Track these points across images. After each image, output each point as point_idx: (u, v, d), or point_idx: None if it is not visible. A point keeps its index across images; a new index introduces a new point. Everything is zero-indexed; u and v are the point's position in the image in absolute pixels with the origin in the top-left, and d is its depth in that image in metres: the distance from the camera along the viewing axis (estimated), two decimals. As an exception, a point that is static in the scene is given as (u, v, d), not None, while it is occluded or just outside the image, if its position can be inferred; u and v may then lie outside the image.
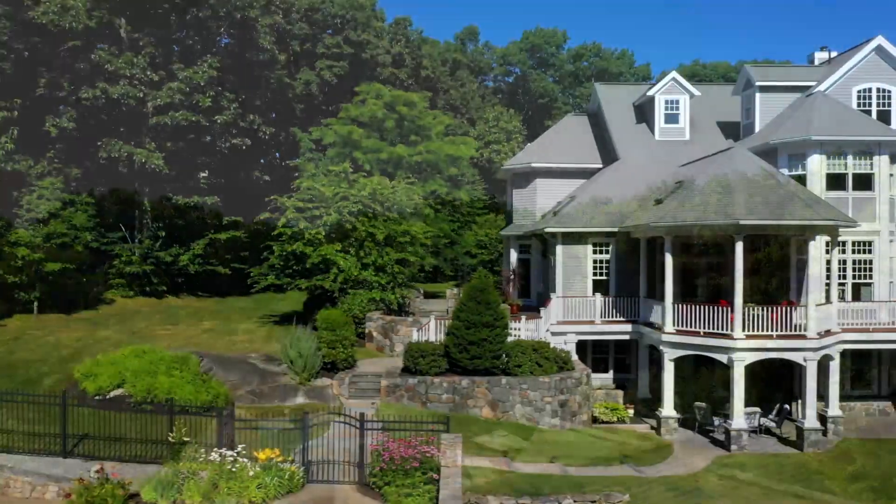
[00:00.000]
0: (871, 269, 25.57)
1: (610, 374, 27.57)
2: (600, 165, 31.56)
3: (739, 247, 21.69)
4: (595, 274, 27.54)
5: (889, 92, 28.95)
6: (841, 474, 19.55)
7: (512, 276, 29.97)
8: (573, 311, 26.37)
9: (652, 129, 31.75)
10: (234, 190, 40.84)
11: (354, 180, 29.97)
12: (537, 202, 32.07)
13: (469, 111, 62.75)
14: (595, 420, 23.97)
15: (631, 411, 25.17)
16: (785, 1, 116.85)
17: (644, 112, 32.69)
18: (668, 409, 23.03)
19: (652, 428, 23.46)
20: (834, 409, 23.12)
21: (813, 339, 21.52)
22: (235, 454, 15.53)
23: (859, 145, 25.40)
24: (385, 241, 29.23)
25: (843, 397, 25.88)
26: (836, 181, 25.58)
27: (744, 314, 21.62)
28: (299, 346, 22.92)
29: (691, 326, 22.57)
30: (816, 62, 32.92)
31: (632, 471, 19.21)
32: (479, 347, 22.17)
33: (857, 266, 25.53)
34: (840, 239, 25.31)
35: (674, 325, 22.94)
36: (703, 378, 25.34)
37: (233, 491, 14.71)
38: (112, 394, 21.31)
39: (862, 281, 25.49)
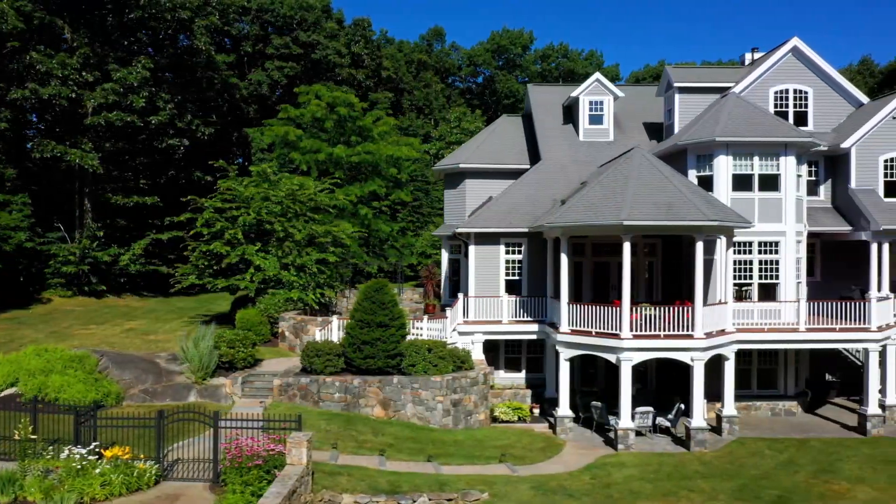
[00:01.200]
0: (777, 270, 25.69)
1: (522, 374, 27.70)
2: (528, 166, 31.70)
3: (626, 247, 21.80)
4: (508, 274, 27.67)
5: (806, 93, 29.14)
6: (716, 473, 19.64)
7: (430, 276, 30.07)
8: (484, 311, 26.49)
9: (577, 130, 31.91)
10: (178, 190, 40.98)
11: (276, 181, 30.09)
12: (467, 203, 32.15)
13: (433, 112, 62.91)
14: (496, 419, 24.14)
15: (537, 411, 25.38)
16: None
17: (571, 113, 32.84)
18: (563, 408, 23.18)
19: (550, 427, 23.61)
20: (729, 408, 23.25)
21: (700, 340, 21.62)
22: (85, 452, 15.67)
23: (765, 146, 25.47)
24: (306, 241, 29.40)
25: (750, 397, 26.18)
26: (742, 182, 25.68)
27: (632, 314, 21.76)
28: (199, 345, 23.10)
29: (584, 326, 22.71)
30: (747, 63, 33.08)
31: (507, 470, 19.35)
32: (373, 347, 22.31)
33: (763, 266, 25.64)
34: (746, 240, 25.50)
35: (569, 324, 23.08)
36: (610, 377, 25.49)
37: (75, 488, 14.84)
38: (5, 392, 21.52)
39: (768, 281, 25.59)
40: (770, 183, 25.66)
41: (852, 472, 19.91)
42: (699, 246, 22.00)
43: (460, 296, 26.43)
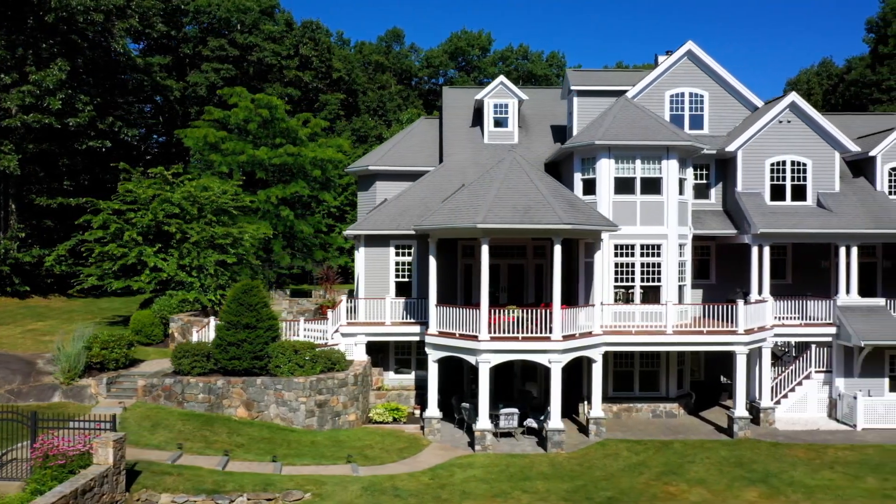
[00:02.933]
0: (659, 272, 25.82)
1: (412, 375, 27.84)
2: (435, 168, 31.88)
3: (484, 250, 21.99)
4: (399, 276, 27.84)
5: (702, 97, 29.29)
6: (560, 475, 19.80)
7: (326, 278, 30.28)
8: (372, 313, 26.64)
9: (483, 133, 32.08)
10: (108, 192, 41.20)
11: (177, 182, 30.30)
12: (377, 204, 32.38)
13: (387, 113, 63.10)
14: (370, 420, 24.33)
15: (417, 412, 25.55)
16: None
17: (479, 115, 33.02)
18: (431, 409, 23.36)
19: (421, 428, 23.77)
20: (596, 410, 23.42)
21: (557, 342, 21.78)
22: None
23: (648, 150, 25.59)
24: (206, 243, 29.59)
25: (632, 399, 26.34)
26: (625, 185, 25.80)
27: (496, 316, 21.92)
28: (71, 345, 23.31)
29: (451, 328, 22.88)
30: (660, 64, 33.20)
31: (349, 470, 19.52)
32: (239, 348, 22.51)
33: (646, 269, 25.76)
34: (629, 242, 25.63)
35: (437, 326, 23.26)
36: (499, 378, 25.69)
37: None
38: None
39: (650, 283, 25.71)
40: (653, 186, 25.78)
41: (697, 473, 20.06)
42: (557, 249, 22.15)
43: (343, 297, 26.61)
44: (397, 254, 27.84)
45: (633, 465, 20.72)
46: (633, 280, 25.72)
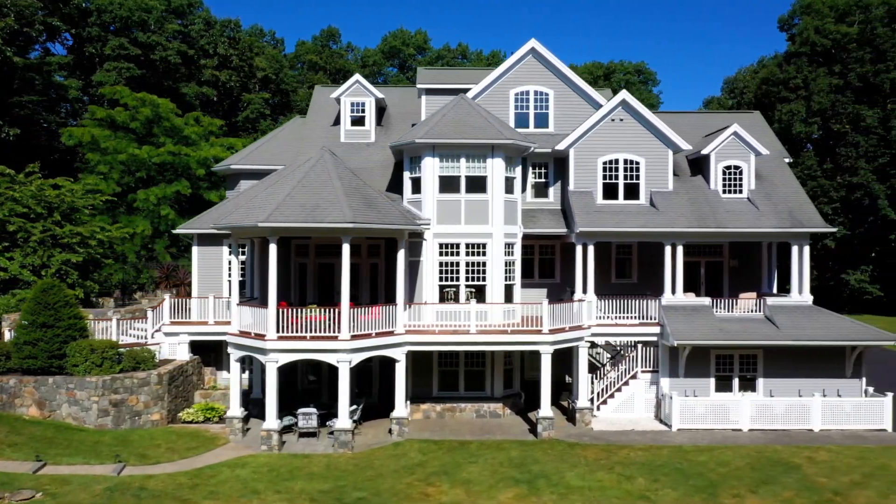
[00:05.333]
0: (485, 271, 25.63)
1: (247, 374, 27.73)
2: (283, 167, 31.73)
3: (272, 249, 21.81)
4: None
5: (547, 95, 29.14)
6: (328, 475, 19.63)
7: (165, 277, 30.16)
8: (203, 312, 26.49)
9: (340, 132, 31.93)
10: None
11: (25, 182, 30.20)
12: (240, 204, 32.27)
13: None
14: (180, 420, 24.20)
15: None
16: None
17: (339, 114, 32.87)
18: (233, 409, 23.26)
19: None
20: (399, 410, 23.28)
21: (345, 342, 21.61)
22: None
23: (473, 148, 25.40)
24: (51, 241, 29.50)
25: (456, 398, 26.17)
26: (450, 184, 25.65)
27: (278, 316, 21.77)
28: None
29: (248, 328, 22.76)
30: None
31: (110, 470, 19.37)
32: (34, 347, 22.42)
33: (471, 268, 25.59)
34: (453, 241, 25.49)
35: (238, 325, 23.14)
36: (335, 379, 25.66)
37: None
38: None
39: (475, 283, 25.54)
40: (479, 185, 25.63)
41: (470, 474, 19.87)
42: (345, 247, 21.97)
43: (167, 296, 26.48)
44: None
45: (411, 465, 20.55)
46: (457, 279, 25.58)
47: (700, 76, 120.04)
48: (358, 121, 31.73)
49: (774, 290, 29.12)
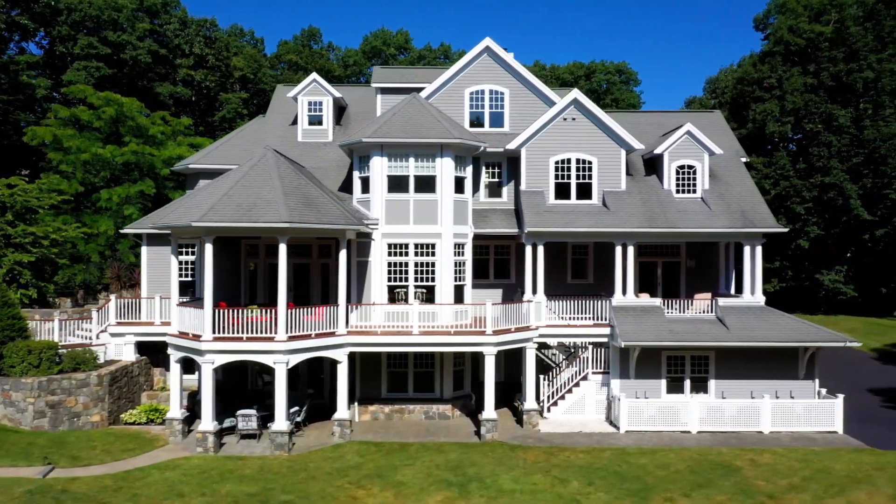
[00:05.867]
0: (434, 272, 25.38)
1: (195, 375, 27.42)
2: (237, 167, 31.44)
3: (208, 249, 21.51)
4: (183, 276, 27.45)
5: (502, 94, 28.88)
6: (258, 477, 19.36)
7: (117, 278, 29.92)
8: (152, 313, 26.24)
9: (298, 131, 31.68)
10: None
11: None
12: (201, 203, 32.00)
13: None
14: (122, 422, 23.95)
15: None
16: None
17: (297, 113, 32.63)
18: (173, 411, 22.95)
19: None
20: (342, 412, 23.00)
21: (282, 343, 21.33)
22: None
23: (422, 147, 25.16)
24: (3, 241, 29.25)
25: (405, 400, 25.90)
26: (399, 183, 25.41)
27: (217, 317, 21.50)
28: None
29: (187, 329, 22.49)
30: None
31: (36, 472, 19.11)
32: (-30, 348, 22.20)
33: (420, 268, 25.33)
34: (402, 241, 25.25)
35: (179, 326, 22.87)
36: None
37: None
38: None
39: (424, 283, 25.29)
40: (428, 184, 25.38)
41: (404, 477, 19.59)
42: (282, 247, 21.69)
43: (113, 297, 26.23)
44: (180, 252, 27.46)
45: (346, 468, 20.27)
46: (406, 280, 25.33)
47: (683, 76, 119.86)
48: (315, 120, 31.48)
49: (732, 291, 28.86)
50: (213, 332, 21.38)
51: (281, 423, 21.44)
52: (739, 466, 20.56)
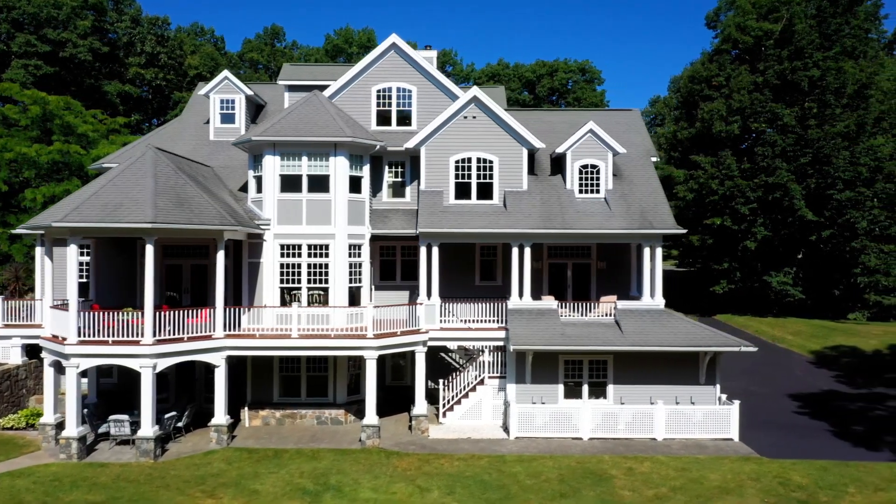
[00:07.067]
0: (328, 274, 24.81)
1: (108, 380, 26.94)
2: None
3: (70, 250, 20.86)
4: (81, 277, 26.86)
5: (410, 92, 28.32)
6: (111, 486, 18.83)
7: (16, 277, 29.41)
8: (41, 315, 25.72)
9: (210, 129, 31.13)
10: None
11: None
12: (116, 203, 31.45)
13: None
14: (1, 427, 23.46)
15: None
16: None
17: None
18: (46, 416, 22.45)
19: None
20: (219, 417, 22.46)
21: (148, 346, 20.77)
22: None
23: (314, 146, 24.65)
24: None
25: (298, 404, 25.35)
26: (292, 183, 24.88)
27: (79, 319, 20.94)
28: None
29: (57, 332, 21.95)
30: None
31: None
32: None
33: (314, 270, 24.77)
34: (295, 242, 24.74)
35: (51, 329, 22.32)
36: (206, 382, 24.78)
37: None
38: None
39: (318, 285, 24.73)
40: (321, 184, 24.84)
41: (264, 485, 19.01)
42: (149, 248, 21.05)
43: (0, 298, 25.73)
44: (81, 253, 26.85)
45: (206, 475, 19.71)
46: (299, 281, 24.79)
47: (650, 76, 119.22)
48: (228, 118, 30.93)
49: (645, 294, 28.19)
50: (79, 336, 20.84)
51: (147, 429, 20.87)
52: (613, 475, 19.98)
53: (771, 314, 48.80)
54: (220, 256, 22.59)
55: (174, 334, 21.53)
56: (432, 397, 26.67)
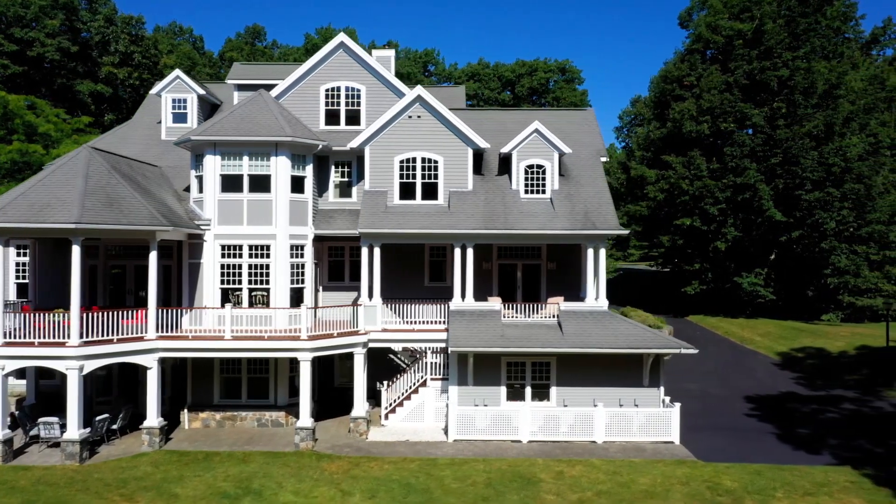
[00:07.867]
0: (269, 274, 24.58)
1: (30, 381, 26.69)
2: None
3: (6, 251, 20.71)
4: (19, 277, 26.72)
5: (358, 91, 28.09)
6: (29, 489, 18.60)
7: None
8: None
9: (162, 128, 30.90)
10: None
11: None
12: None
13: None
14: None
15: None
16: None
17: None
18: (-25, 418, 22.22)
19: (-21, 437, 22.58)
20: (151, 420, 22.22)
21: (73, 348, 20.53)
22: None
23: (255, 146, 24.42)
24: None
25: (239, 406, 25.12)
26: (233, 183, 24.65)
27: (5, 320, 20.72)
28: None
29: (-14, 332, 21.72)
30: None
31: None
32: None
33: (255, 271, 24.53)
34: (236, 243, 24.52)
35: (-19, 330, 22.10)
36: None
37: None
38: None
39: (259, 286, 24.50)
40: (262, 184, 24.61)
41: (185, 489, 18.78)
42: (75, 249, 20.80)
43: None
44: (18, 254, 26.73)
45: (129, 479, 19.46)
46: (240, 282, 24.56)
47: (632, 76, 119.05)
48: (181, 117, 30.72)
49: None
50: (4, 338, 20.61)
51: (73, 432, 20.62)
52: (542, 479, 19.73)
53: (744, 315, 48.51)
54: (153, 257, 22.36)
55: (105, 335, 21.30)
56: (379, 399, 26.43)
